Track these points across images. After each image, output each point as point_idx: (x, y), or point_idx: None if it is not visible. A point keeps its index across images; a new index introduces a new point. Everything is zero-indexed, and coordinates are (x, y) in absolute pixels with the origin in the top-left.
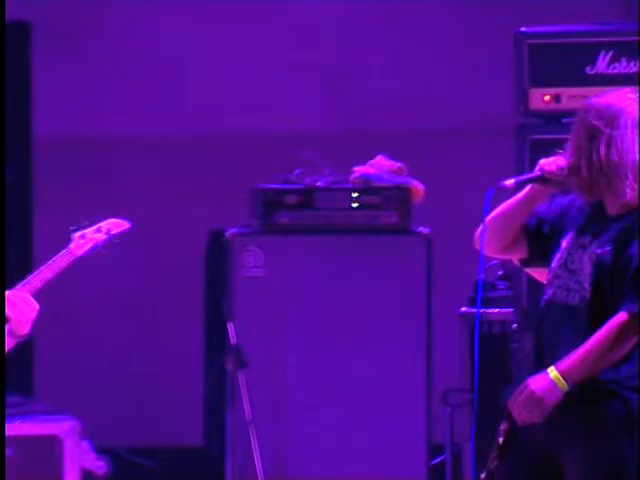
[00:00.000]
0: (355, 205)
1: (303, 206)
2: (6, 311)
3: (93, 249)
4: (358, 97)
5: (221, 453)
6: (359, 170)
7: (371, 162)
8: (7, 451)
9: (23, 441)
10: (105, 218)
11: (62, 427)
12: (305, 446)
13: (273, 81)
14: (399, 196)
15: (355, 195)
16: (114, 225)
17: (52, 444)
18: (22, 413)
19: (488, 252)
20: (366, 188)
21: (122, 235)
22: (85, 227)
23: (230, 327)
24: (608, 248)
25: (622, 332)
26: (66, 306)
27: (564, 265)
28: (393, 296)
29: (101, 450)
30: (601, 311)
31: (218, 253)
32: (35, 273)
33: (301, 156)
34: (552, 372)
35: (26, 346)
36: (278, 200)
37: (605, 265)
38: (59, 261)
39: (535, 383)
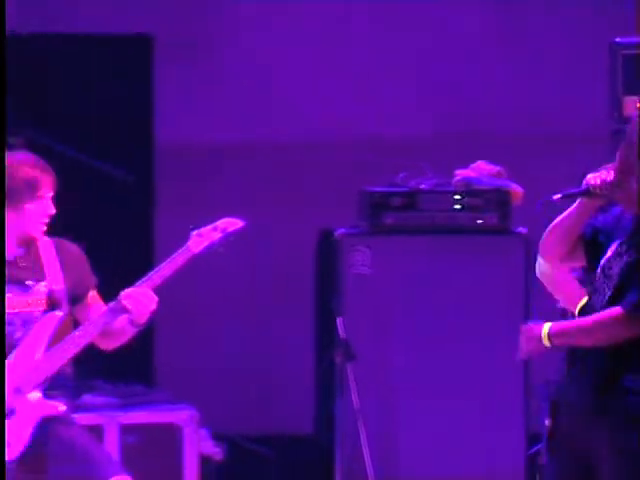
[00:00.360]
0: (457, 207)
1: (408, 208)
2: (128, 304)
3: (210, 247)
4: (459, 104)
5: (330, 443)
6: (461, 174)
7: (472, 166)
8: (130, 438)
9: (145, 429)
10: (221, 217)
11: (181, 416)
12: (410, 439)
13: (381, 88)
14: (499, 198)
15: (457, 197)
16: (229, 223)
17: (172, 431)
18: (144, 402)
19: (552, 260)
20: (467, 191)
21: (237, 233)
22: (202, 225)
23: (339, 322)
24: (635, 257)
25: (611, 323)
26: (186, 302)
27: (603, 271)
28: (493, 294)
29: (218, 437)
30: None
31: (327, 252)
32: (155, 270)
33: (407, 160)
34: (545, 329)
35: (148, 339)
36: (384, 202)
37: (629, 272)
38: (177, 258)
39: (531, 326)
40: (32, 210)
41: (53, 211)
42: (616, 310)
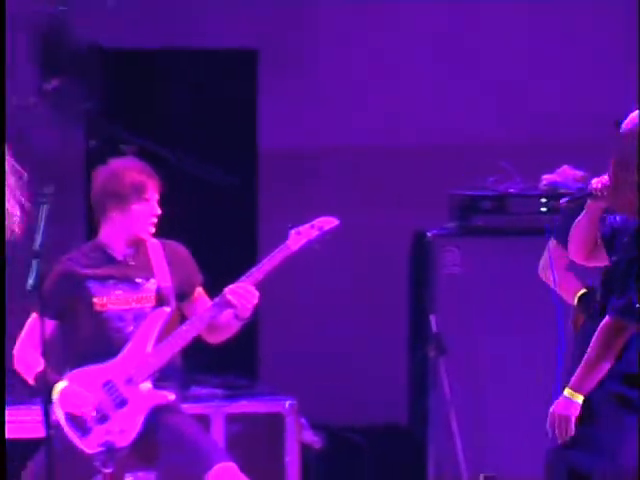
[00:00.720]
0: (543, 210)
1: (497, 210)
2: (232, 299)
3: (307, 244)
4: (544, 112)
5: (423, 433)
6: (547, 178)
7: (557, 171)
8: (235, 427)
9: (249, 418)
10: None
11: (283, 406)
12: (500, 430)
13: (466, 97)
14: (583, 202)
15: (544, 201)
16: (325, 222)
17: (274, 421)
18: (248, 394)
19: (577, 259)
20: (554, 194)
21: (332, 231)
22: (300, 224)
23: (432, 319)
24: (617, 258)
25: (608, 334)
26: (288, 299)
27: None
28: None
29: (317, 427)
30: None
31: (420, 252)
32: (257, 266)
33: (496, 165)
34: (566, 390)
35: (251, 334)
36: (475, 205)
37: (612, 274)
38: (277, 255)
39: (556, 406)
40: (139, 211)
41: (158, 212)
42: (605, 321)
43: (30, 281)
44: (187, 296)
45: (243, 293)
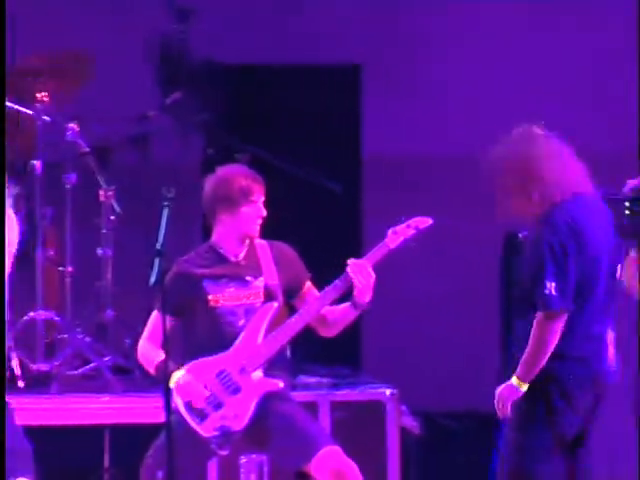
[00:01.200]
0: (627, 213)
1: None
2: (352, 272)
3: (404, 242)
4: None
5: None
6: (632, 182)
7: None
8: (340, 414)
9: (353, 405)
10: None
11: (384, 394)
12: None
13: (559, 102)
14: None
15: (627, 204)
16: (420, 221)
17: (376, 408)
18: (352, 383)
19: None
20: (638, 197)
21: (427, 230)
22: (398, 224)
23: None
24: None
25: (539, 331)
26: (389, 297)
27: None
28: None
29: (416, 413)
30: None
31: (511, 253)
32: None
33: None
34: (514, 379)
35: (356, 329)
36: None
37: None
38: (376, 252)
39: (503, 389)
40: (247, 213)
41: (264, 214)
42: (538, 316)
43: (152, 278)
44: (296, 292)
45: (362, 268)
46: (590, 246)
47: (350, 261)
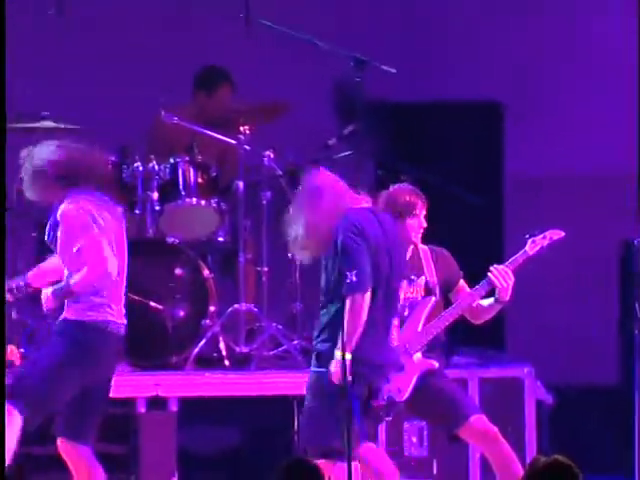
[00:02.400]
0: None
1: None
2: (493, 277)
3: (540, 250)
4: None
5: (631, 394)
6: None
7: None
8: (486, 388)
9: (497, 381)
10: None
11: (523, 372)
12: None
13: None
14: None
15: None
16: (554, 233)
17: (516, 383)
18: (497, 362)
19: None
20: None
21: (560, 240)
22: (535, 235)
23: (637, 306)
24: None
25: (349, 313)
26: (527, 291)
27: None
28: None
29: (549, 387)
30: None
31: (629, 259)
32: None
33: None
34: (337, 352)
35: (500, 317)
36: None
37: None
38: (518, 258)
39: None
40: (411, 224)
41: (425, 225)
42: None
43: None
44: (451, 288)
45: (503, 274)
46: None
47: (492, 267)
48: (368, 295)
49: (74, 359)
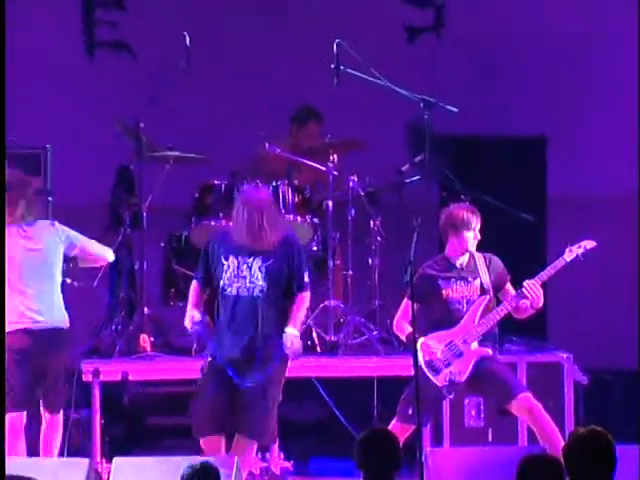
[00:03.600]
0: None
1: None
2: (526, 290)
3: (576, 258)
4: None
5: None
6: None
7: None
8: (533, 372)
9: (541, 365)
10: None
11: (562, 358)
12: None
13: None
14: None
15: None
16: (588, 243)
17: (557, 367)
18: (541, 349)
19: None
20: None
21: (593, 249)
22: (572, 245)
23: None
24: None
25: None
26: (568, 289)
27: None
28: None
29: (585, 369)
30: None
31: None
32: (544, 271)
33: None
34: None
35: (544, 312)
36: None
37: None
38: (557, 264)
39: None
40: (467, 236)
41: (479, 237)
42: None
43: (406, 278)
44: (500, 288)
45: (533, 288)
46: None
47: (525, 282)
48: None
49: None
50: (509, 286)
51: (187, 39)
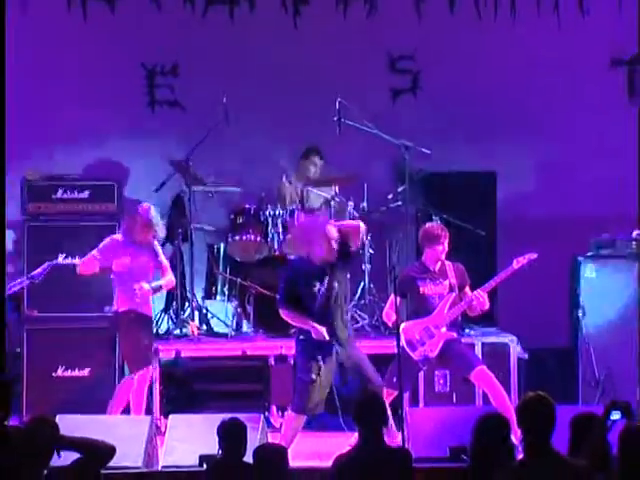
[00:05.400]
0: None
1: None
2: (474, 298)
3: (521, 266)
4: None
5: (576, 353)
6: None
7: None
8: (485, 349)
9: (493, 345)
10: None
11: (509, 339)
12: None
13: None
14: None
15: None
16: (531, 255)
17: (504, 347)
18: (494, 332)
19: None
20: None
21: (535, 260)
22: (518, 256)
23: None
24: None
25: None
26: (515, 288)
27: None
28: None
29: (525, 348)
30: None
31: (574, 267)
32: (492, 279)
33: None
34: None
35: (492, 305)
36: None
37: None
38: (502, 274)
39: None
40: (439, 249)
41: (447, 249)
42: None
43: (391, 279)
44: (462, 289)
45: (480, 296)
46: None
47: (474, 292)
48: None
49: None
50: (467, 289)
51: (224, 99)
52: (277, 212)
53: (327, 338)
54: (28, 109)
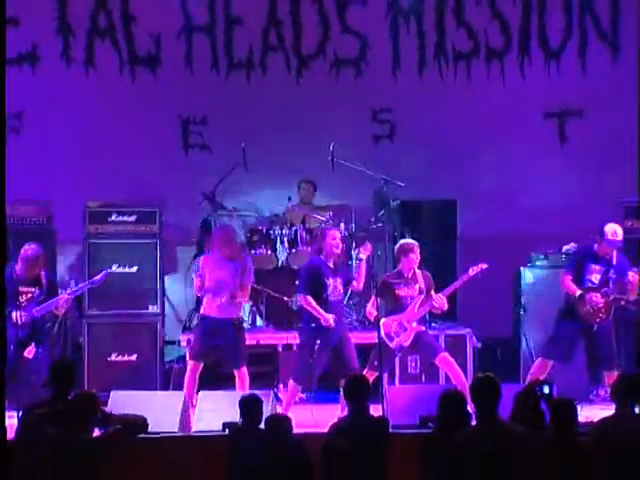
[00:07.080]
0: None
1: None
2: (435, 302)
3: (475, 274)
4: None
5: (518, 342)
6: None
7: None
8: (447, 339)
9: (454, 336)
10: None
11: (466, 331)
12: None
13: None
14: None
15: None
16: (483, 265)
17: (462, 338)
18: (453, 326)
19: None
20: None
21: (486, 269)
22: (472, 266)
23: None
24: None
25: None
26: (471, 291)
27: None
28: None
29: (478, 338)
30: None
31: (517, 274)
32: (450, 286)
33: None
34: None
35: (452, 302)
36: None
37: None
38: (459, 281)
39: None
40: (413, 258)
41: (418, 259)
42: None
43: (373, 285)
44: (429, 292)
45: (439, 299)
46: None
47: (436, 295)
48: None
49: None
50: (433, 292)
51: (242, 144)
52: (284, 231)
53: (333, 325)
54: (91, 150)
